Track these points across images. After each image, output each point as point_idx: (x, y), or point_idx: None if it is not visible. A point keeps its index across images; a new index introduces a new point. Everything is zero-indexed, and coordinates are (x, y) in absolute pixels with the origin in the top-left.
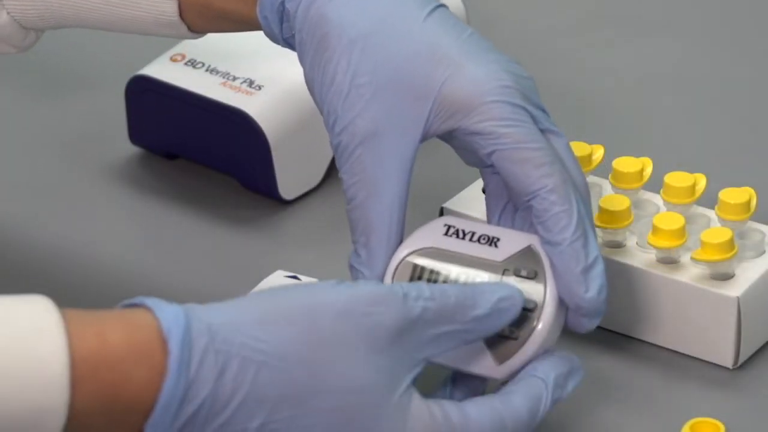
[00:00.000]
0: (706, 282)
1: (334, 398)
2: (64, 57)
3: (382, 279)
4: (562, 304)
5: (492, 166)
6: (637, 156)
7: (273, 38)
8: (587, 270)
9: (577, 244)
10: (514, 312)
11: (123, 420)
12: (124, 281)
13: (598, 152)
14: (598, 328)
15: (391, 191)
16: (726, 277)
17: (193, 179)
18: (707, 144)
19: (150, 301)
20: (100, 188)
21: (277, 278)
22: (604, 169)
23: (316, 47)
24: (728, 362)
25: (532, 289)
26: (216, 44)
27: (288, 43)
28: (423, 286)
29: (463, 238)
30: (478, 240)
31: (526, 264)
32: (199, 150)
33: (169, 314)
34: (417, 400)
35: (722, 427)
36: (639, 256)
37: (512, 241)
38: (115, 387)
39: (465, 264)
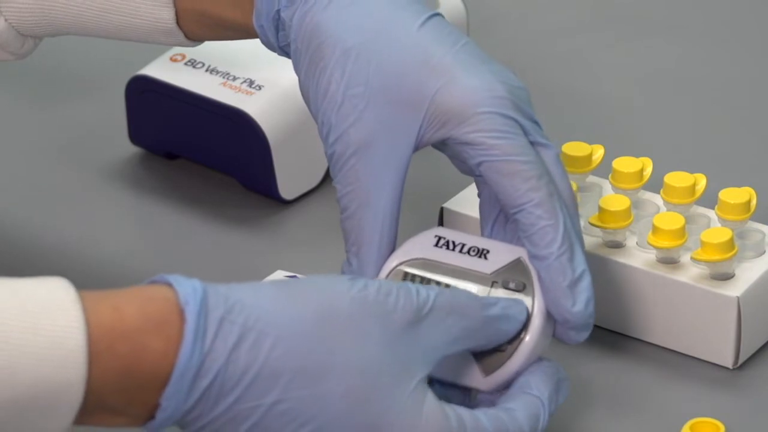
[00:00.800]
0: (706, 282)
1: (348, 379)
2: (64, 57)
3: None
4: (549, 317)
5: (482, 176)
6: (637, 156)
7: (269, 46)
8: (574, 284)
9: (563, 258)
10: (520, 321)
11: (139, 394)
12: (124, 281)
13: (598, 152)
14: (598, 328)
15: (384, 202)
16: (726, 277)
17: (193, 179)
18: (707, 144)
19: (169, 276)
20: (100, 188)
21: (277, 278)
22: (604, 169)
23: (311, 57)
24: (728, 362)
25: (521, 301)
26: (216, 44)
27: (284, 51)
28: (433, 286)
29: (453, 250)
30: (468, 252)
31: (514, 277)
32: (199, 150)
33: (186, 286)
34: (431, 399)
35: (722, 427)
36: (639, 256)
37: (502, 253)
38: (131, 359)
39: (454, 276)
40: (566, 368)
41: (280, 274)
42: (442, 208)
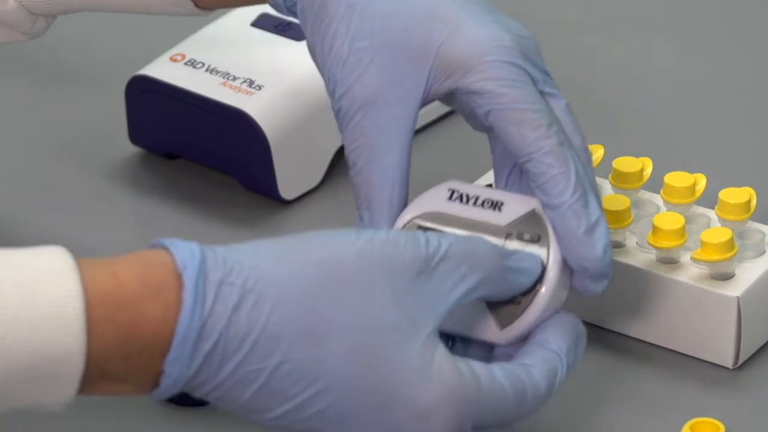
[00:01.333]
0: (706, 282)
1: (353, 338)
2: (64, 57)
3: None
4: (565, 268)
5: (491, 127)
6: (637, 156)
7: (278, 8)
8: (590, 231)
9: (577, 205)
10: (536, 274)
11: (141, 361)
12: None
13: (598, 152)
14: (598, 327)
15: (392, 155)
16: (726, 277)
17: (193, 179)
18: (707, 144)
19: (167, 241)
20: (100, 188)
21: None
22: (604, 169)
23: (316, 14)
24: (728, 362)
25: (536, 253)
26: (216, 44)
27: (292, 12)
28: (447, 234)
29: (467, 203)
30: (482, 204)
31: (529, 228)
32: (199, 150)
33: (184, 250)
34: (442, 353)
35: (722, 427)
36: (639, 256)
37: (516, 205)
38: (131, 326)
39: (468, 228)
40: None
41: None
42: None
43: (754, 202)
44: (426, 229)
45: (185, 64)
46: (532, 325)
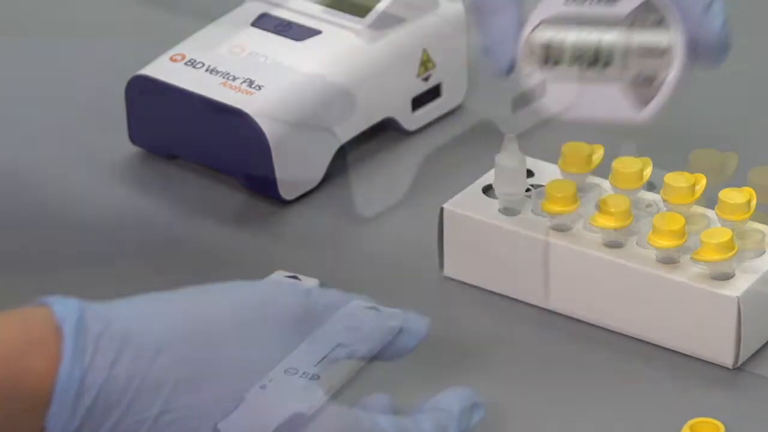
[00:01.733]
0: (706, 282)
1: (231, 383)
2: (64, 56)
3: (513, 59)
4: (689, 44)
5: None
6: (638, 156)
7: None
8: (708, 7)
9: None
10: (419, 337)
11: (24, 418)
12: (124, 281)
13: (598, 152)
14: (598, 328)
15: None
16: (726, 277)
17: (193, 179)
18: (707, 144)
19: (46, 298)
20: (100, 188)
21: (277, 278)
22: (604, 169)
23: None
24: (728, 362)
25: (660, 35)
26: (216, 44)
27: None
28: (329, 290)
29: (583, 2)
30: (598, 1)
31: (649, 14)
32: (199, 150)
33: (63, 305)
34: (322, 399)
35: (722, 427)
36: (639, 256)
37: None
38: (13, 381)
39: (592, 25)
40: (565, 367)
41: (280, 274)
42: (442, 209)
43: (754, 202)
44: (549, 42)
45: (185, 64)
46: (667, 102)
